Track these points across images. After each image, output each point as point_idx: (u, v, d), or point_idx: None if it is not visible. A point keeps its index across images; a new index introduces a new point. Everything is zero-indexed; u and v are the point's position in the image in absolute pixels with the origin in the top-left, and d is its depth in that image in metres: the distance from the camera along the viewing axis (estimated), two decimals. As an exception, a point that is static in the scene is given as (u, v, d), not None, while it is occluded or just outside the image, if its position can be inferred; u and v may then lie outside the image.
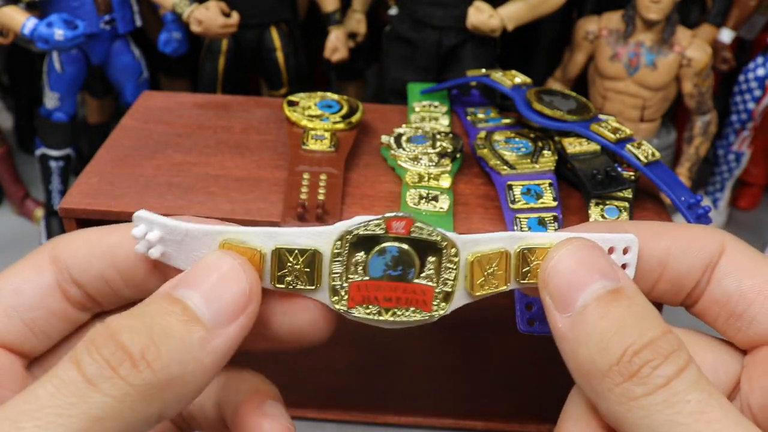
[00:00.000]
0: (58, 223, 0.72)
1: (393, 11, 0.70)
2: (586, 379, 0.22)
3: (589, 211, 0.42)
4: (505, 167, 0.44)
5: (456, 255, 0.25)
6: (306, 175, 0.44)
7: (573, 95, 0.49)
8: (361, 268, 0.24)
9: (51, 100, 0.69)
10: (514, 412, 0.54)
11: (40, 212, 0.75)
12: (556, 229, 0.41)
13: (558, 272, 0.23)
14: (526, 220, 0.41)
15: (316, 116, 0.48)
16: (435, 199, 0.43)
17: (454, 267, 0.25)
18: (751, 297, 0.24)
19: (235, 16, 0.66)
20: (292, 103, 0.50)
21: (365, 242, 0.24)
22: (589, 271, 0.23)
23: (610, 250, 0.25)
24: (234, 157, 0.48)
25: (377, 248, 0.24)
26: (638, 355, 0.20)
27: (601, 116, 0.47)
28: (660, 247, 0.25)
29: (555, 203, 0.42)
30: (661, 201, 0.46)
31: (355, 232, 0.24)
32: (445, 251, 0.25)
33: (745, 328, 0.24)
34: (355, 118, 0.49)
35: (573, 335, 0.22)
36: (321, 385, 0.53)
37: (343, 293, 0.25)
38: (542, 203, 0.42)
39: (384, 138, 0.48)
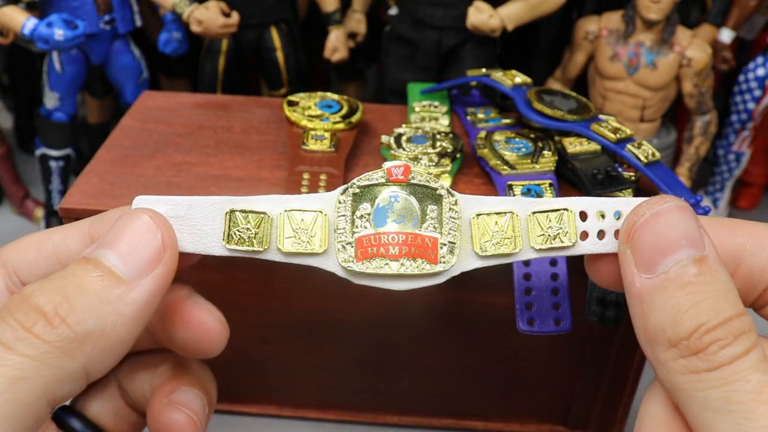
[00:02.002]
0: (58, 223, 0.72)
1: (393, 11, 0.70)
2: (650, 343, 0.22)
3: (589, 211, 0.42)
4: (505, 167, 0.44)
5: (456, 204, 0.25)
6: (306, 175, 0.44)
7: (573, 95, 0.49)
8: (366, 220, 0.25)
9: (51, 100, 0.69)
10: (514, 412, 0.53)
11: (40, 212, 0.75)
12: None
13: (646, 231, 0.23)
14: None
15: (316, 116, 0.48)
16: (435, 199, 0.43)
17: (457, 218, 0.25)
18: None
19: (235, 16, 0.66)
20: (292, 103, 0.50)
21: (368, 193, 0.25)
22: (677, 235, 0.23)
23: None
24: (234, 157, 0.48)
25: (380, 197, 0.25)
26: (709, 334, 0.21)
27: (601, 116, 0.47)
28: (735, 242, 0.24)
29: (555, 203, 0.42)
30: (661, 201, 0.46)
31: (357, 183, 0.25)
32: (444, 200, 0.25)
33: None
34: (355, 118, 0.49)
35: (649, 298, 0.22)
36: (321, 384, 0.53)
37: (349, 249, 0.25)
38: (542, 203, 0.42)
39: (384, 138, 0.48)
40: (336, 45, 0.72)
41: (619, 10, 0.68)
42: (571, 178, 0.46)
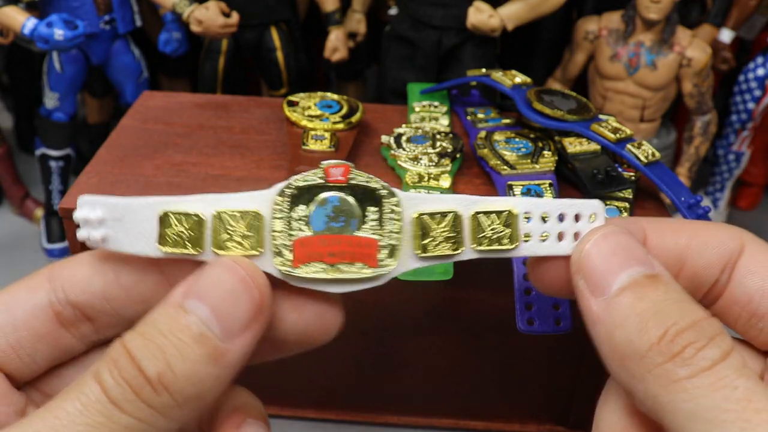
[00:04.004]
0: (58, 223, 0.72)
1: (393, 11, 0.70)
2: (621, 362, 0.21)
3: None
4: (505, 167, 0.44)
5: (398, 205, 0.24)
6: (306, 175, 0.44)
7: (573, 95, 0.49)
8: (303, 223, 0.24)
9: (51, 100, 0.69)
10: (514, 412, 0.53)
11: (40, 212, 0.75)
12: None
13: (593, 256, 0.23)
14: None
15: (316, 116, 0.48)
16: (435, 199, 0.43)
17: (398, 219, 0.24)
18: None
19: (234, 16, 0.66)
20: (292, 103, 0.50)
21: (306, 194, 0.24)
22: (625, 256, 0.22)
23: (577, 217, 0.25)
24: (234, 157, 0.48)
25: (318, 199, 0.24)
26: (681, 336, 0.20)
27: (601, 116, 0.47)
28: (679, 242, 0.24)
29: (555, 203, 0.42)
30: (661, 201, 0.46)
31: (294, 183, 0.24)
32: (385, 200, 0.24)
33: (767, 328, 0.23)
34: (355, 118, 0.49)
35: (609, 318, 0.21)
36: (321, 384, 0.53)
37: (286, 253, 0.24)
38: (542, 203, 0.42)
39: (384, 138, 0.48)
40: (336, 45, 0.72)
41: (619, 10, 0.68)
42: (571, 178, 0.46)
